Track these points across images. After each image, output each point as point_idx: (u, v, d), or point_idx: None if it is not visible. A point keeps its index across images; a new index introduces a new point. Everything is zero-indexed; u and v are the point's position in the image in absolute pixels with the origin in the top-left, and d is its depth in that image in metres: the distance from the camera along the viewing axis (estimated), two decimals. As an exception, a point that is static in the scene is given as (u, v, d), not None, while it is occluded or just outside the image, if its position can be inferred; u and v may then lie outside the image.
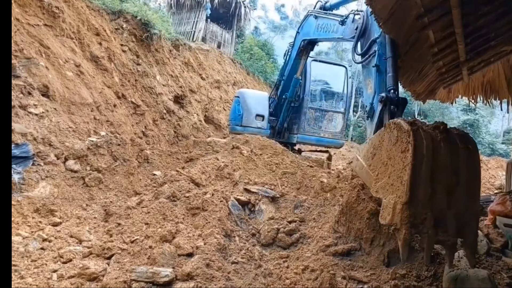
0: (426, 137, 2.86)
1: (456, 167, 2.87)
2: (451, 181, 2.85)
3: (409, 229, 2.73)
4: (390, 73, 4.43)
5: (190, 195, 4.97)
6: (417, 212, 2.75)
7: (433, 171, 2.80)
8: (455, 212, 2.83)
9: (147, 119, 9.79)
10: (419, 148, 2.79)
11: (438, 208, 2.80)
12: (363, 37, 5.49)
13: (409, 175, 2.74)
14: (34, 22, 6.90)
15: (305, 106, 9.71)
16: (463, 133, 3.12)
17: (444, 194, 2.82)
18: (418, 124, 3.03)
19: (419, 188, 2.75)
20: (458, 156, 2.90)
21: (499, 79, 5.77)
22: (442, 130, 3.00)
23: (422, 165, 2.77)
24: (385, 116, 4.24)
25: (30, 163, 5.06)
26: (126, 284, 3.25)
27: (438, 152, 2.84)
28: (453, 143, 2.93)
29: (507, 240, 5.15)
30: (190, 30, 18.93)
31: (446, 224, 2.81)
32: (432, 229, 2.76)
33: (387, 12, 3.99)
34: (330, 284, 3.32)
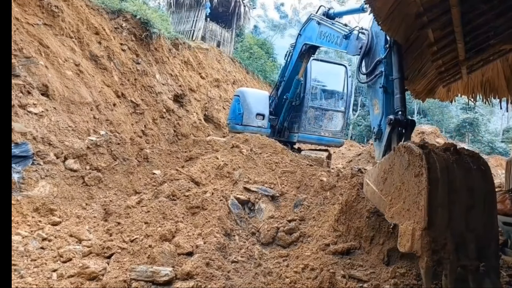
0: (439, 159, 2.83)
1: (471, 188, 2.83)
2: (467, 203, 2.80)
3: (431, 256, 2.66)
4: (398, 94, 4.40)
5: (189, 194, 4.97)
6: (437, 237, 2.69)
7: (449, 194, 2.76)
8: (475, 234, 2.78)
9: (147, 118, 9.78)
10: (433, 172, 2.75)
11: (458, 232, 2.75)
12: (368, 56, 5.46)
13: (426, 200, 2.69)
14: (34, 21, 6.89)
15: (305, 105, 9.70)
16: (473, 153, 3.10)
17: (462, 216, 2.79)
18: (429, 146, 3.00)
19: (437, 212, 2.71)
20: (472, 177, 2.87)
21: (498, 77, 5.77)
22: (453, 151, 2.98)
23: (438, 189, 2.73)
24: (393, 139, 4.24)
25: (29, 163, 5.06)
26: (126, 283, 3.25)
27: (452, 174, 2.81)
28: (466, 164, 2.90)
29: (507, 238, 5.16)
30: (189, 29, 18.92)
31: (466, 247, 2.75)
32: (454, 254, 2.69)
33: (386, 10, 3.99)
34: (330, 283, 3.33)
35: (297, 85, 9.51)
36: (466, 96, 6.79)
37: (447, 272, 2.69)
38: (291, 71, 9.60)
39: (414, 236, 2.77)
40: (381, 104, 4.85)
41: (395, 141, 4.16)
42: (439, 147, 3.10)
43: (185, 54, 14.29)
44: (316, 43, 8.38)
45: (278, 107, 10.15)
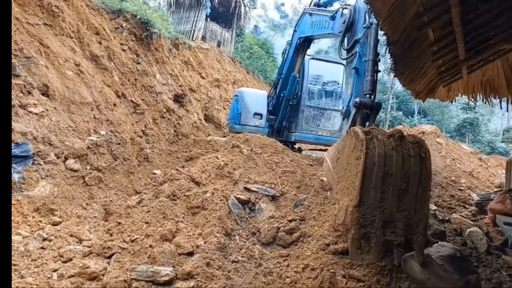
0: (379, 145, 3.11)
1: (407, 173, 3.10)
2: (401, 186, 3.08)
3: (358, 229, 3.05)
4: (368, 77, 4.47)
5: (190, 194, 4.97)
6: (366, 214, 3.04)
7: (384, 177, 3.06)
8: (405, 214, 3.07)
9: (147, 118, 9.79)
10: (370, 157, 3.06)
11: (388, 211, 3.05)
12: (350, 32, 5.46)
13: (360, 181, 3.03)
14: (34, 21, 6.90)
15: (302, 104, 9.68)
16: (418, 140, 3.32)
17: (394, 198, 3.07)
18: (374, 133, 3.25)
19: (369, 193, 3.04)
20: (409, 163, 3.12)
21: (498, 77, 5.78)
22: (396, 138, 3.23)
23: (373, 172, 3.04)
24: (358, 120, 4.32)
25: (30, 162, 5.06)
26: (127, 283, 3.25)
27: (390, 160, 3.09)
28: (406, 151, 3.16)
29: (507, 238, 5.16)
30: (189, 29, 18.93)
31: (395, 225, 3.06)
32: (380, 230, 3.03)
33: (386, 10, 3.99)
34: (330, 282, 3.33)
35: (293, 81, 9.50)
36: (466, 96, 6.80)
37: (373, 244, 3.07)
38: (288, 68, 9.62)
39: (347, 211, 3.16)
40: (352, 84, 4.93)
41: (359, 122, 4.25)
42: (385, 133, 3.32)
43: (185, 54, 14.29)
44: (309, 33, 8.47)
45: (277, 106, 10.15)
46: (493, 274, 4.18)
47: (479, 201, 7.06)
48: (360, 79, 4.66)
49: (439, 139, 11.05)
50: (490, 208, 5.77)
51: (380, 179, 3.06)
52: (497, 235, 5.31)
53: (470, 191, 8.51)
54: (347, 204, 3.20)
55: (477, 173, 9.78)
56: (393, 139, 3.22)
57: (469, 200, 7.82)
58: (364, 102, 4.24)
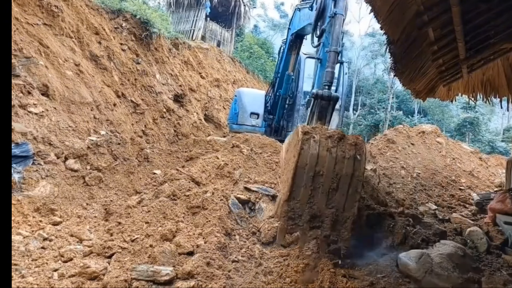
0: (314, 146, 3.30)
1: (338, 174, 3.31)
2: (332, 186, 3.29)
3: (286, 221, 3.30)
4: (329, 68, 4.45)
5: (190, 194, 4.97)
6: (295, 208, 3.29)
7: (314, 176, 3.27)
8: (333, 211, 3.31)
9: (147, 118, 9.78)
10: (303, 157, 3.26)
11: (316, 207, 3.29)
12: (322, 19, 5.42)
13: (291, 178, 3.28)
14: (33, 21, 6.89)
15: (298, 103, 9.64)
16: (357, 142, 3.48)
17: (324, 196, 3.30)
18: (313, 132, 3.41)
19: (300, 190, 3.27)
20: (343, 165, 3.33)
21: (498, 76, 5.78)
22: (335, 139, 3.40)
23: (305, 171, 3.25)
24: (315, 111, 4.34)
25: (30, 163, 5.06)
26: (127, 283, 3.25)
27: (322, 161, 3.29)
28: (341, 153, 3.36)
29: (507, 237, 5.16)
30: (189, 28, 18.91)
31: (322, 220, 3.32)
32: (306, 223, 3.30)
33: (386, 9, 3.99)
34: (330, 282, 3.33)
35: (288, 80, 9.48)
36: (467, 95, 6.80)
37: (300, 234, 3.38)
38: (283, 66, 9.61)
39: (279, 204, 3.43)
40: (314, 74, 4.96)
41: (316, 114, 4.32)
42: (325, 134, 3.46)
43: (185, 54, 14.29)
44: (297, 28, 8.47)
45: (274, 105, 10.15)
46: (493, 273, 4.18)
47: (479, 200, 7.06)
48: (323, 70, 4.64)
49: (439, 138, 11.04)
50: (490, 208, 5.77)
51: (311, 178, 3.28)
52: (497, 235, 5.31)
53: (470, 191, 8.51)
54: (280, 198, 3.48)
55: (477, 173, 9.77)
56: (331, 140, 3.39)
57: (469, 200, 7.82)
58: (322, 94, 4.24)
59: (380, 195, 5.33)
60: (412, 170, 9.23)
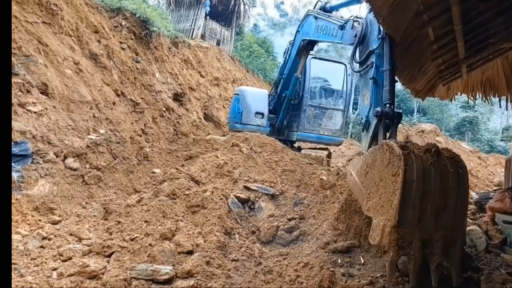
0: (417, 161, 2.96)
1: (445, 190, 2.96)
2: (439, 204, 2.94)
3: (396, 251, 2.87)
4: (387, 86, 4.42)
5: (189, 193, 4.97)
6: (405, 235, 2.87)
7: (422, 195, 2.89)
8: (442, 234, 2.94)
9: (147, 117, 9.77)
10: (409, 174, 2.88)
11: (426, 231, 2.91)
12: (362, 45, 5.47)
13: (399, 200, 2.83)
14: (33, 19, 6.88)
15: (304, 104, 9.70)
16: (454, 155, 3.20)
17: (432, 217, 2.93)
18: (410, 147, 3.10)
19: (408, 212, 2.86)
20: (448, 180, 3.00)
21: (498, 76, 5.78)
22: (433, 153, 3.09)
23: (412, 190, 2.87)
24: (380, 130, 4.29)
25: (29, 161, 5.05)
26: (126, 281, 3.25)
27: (428, 177, 2.95)
28: (443, 167, 3.03)
29: (506, 236, 5.17)
30: (189, 27, 18.88)
31: (433, 245, 2.93)
32: (418, 252, 2.88)
33: (386, 9, 3.98)
34: (330, 281, 3.33)
35: (295, 82, 9.50)
36: (466, 95, 6.79)
37: (411, 266, 2.92)
38: (290, 68, 9.60)
39: (384, 231, 2.94)
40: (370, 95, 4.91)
41: (381, 133, 4.23)
42: (420, 148, 3.18)
43: (184, 53, 14.26)
44: (314, 37, 8.42)
45: (277, 106, 10.15)
46: (492, 272, 4.19)
47: (478, 199, 7.07)
48: (378, 90, 4.64)
49: (439, 137, 11.06)
50: (489, 207, 5.77)
51: (419, 197, 2.90)
52: (496, 234, 5.31)
53: (470, 190, 8.52)
54: (383, 224, 2.99)
55: (477, 172, 9.79)
56: (430, 154, 3.08)
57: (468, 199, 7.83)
58: (386, 111, 4.18)
59: (379, 194, 5.31)
60: (411, 169, 9.22)
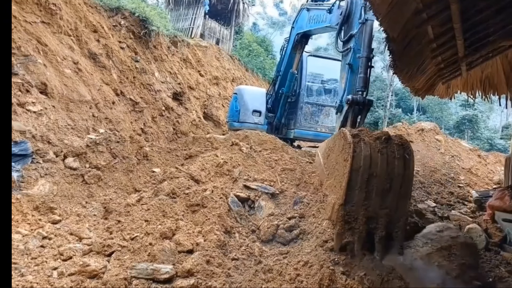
0: (365, 148, 3.33)
1: (391, 175, 3.35)
2: (385, 186, 3.33)
3: (343, 225, 3.32)
4: (362, 74, 4.49)
5: (189, 192, 4.97)
6: (351, 211, 3.30)
7: (369, 178, 3.30)
8: (386, 212, 3.33)
9: (146, 116, 9.77)
10: (356, 160, 3.29)
11: (372, 209, 3.31)
12: (347, 24, 5.44)
13: (346, 182, 3.27)
14: (32, 19, 6.86)
15: (301, 101, 9.68)
16: (403, 142, 3.51)
17: (378, 197, 3.33)
18: (362, 135, 3.43)
19: (354, 193, 3.29)
20: (394, 165, 3.36)
21: (497, 74, 5.78)
22: (383, 140, 3.43)
23: (359, 174, 3.28)
24: (349, 116, 4.37)
25: (29, 161, 5.05)
26: (127, 281, 3.26)
27: (374, 162, 3.32)
28: (390, 153, 3.39)
29: (506, 235, 5.18)
30: (188, 26, 18.86)
31: (377, 221, 3.34)
32: (363, 226, 3.30)
33: (386, 6, 3.98)
34: (330, 279, 3.34)
35: (291, 78, 9.49)
36: (466, 93, 6.80)
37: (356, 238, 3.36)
38: (286, 65, 9.61)
39: (333, 208, 3.42)
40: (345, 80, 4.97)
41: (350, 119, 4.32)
42: (372, 136, 3.49)
43: (184, 52, 14.25)
44: (306, 28, 8.49)
45: (275, 103, 10.14)
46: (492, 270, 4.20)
47: (478, 198, 7.08)
48: (354, 76, 4.68)
49: (438, 136, 11.05)
50: (489, 205, 5.78)
51: (365, 181, 3.29)
52: (496, 232, 5.33)
53: (469, 188, 8.52)
54: (334, 202, 3.43)
55: (476, 170, 9.79)
56: (379, 142, 3.41)
57: (468, 197, 7.83)
58: (356, 99, 4.32)
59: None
60: (411, 168, 9.22)
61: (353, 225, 3.30)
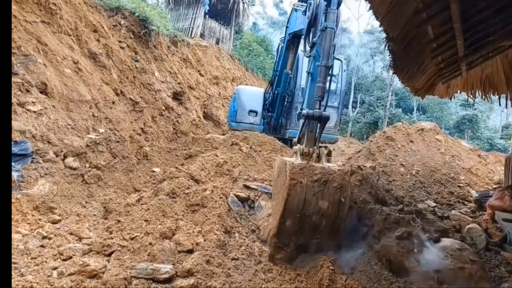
0: (300, 192, 3.58)
1: (324, 215, 3.65)
2: (317, 224, 3.66)
3: (275, 249, 3.68)
4: (320, 83, 4.30)
5: (189, 192, 4.97)
6: (283, 240, 3.66)
7: (301, 216, 3.62)
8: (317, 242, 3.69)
9: (146, 116, 9.77)
10: (291, 202, 3.58)
11: (303, 239, 3.67)
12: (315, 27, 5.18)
13: (279, 217, 3.61)
14: (32, 19, 6.86)
15: (296, 101, 9.64)
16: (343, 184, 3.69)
17: (309, 231, 3.67)
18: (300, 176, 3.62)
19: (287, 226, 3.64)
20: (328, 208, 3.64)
21: (497, 74, 5.78)
22: (321, 183, 3.64)
23: (292, 213, 3.60)
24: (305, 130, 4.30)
25: (29, 161, 5.05)
26: (126, 280, 3.25)
27: (308, 205, 3.61)
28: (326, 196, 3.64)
29: (506, 234, 5.18)
30: (188, 26, 18.87)
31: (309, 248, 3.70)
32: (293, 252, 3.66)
33: (385, 7, 3.98)
34: (330, 279, 3.33)
35: (286, 79, 9.48)
36: (466, 93, 6.80)
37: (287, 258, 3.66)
38: (281, 65, 9.61)
39: (269, 234, 3.80)
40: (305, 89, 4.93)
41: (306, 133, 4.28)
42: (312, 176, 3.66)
43: (184, 52, 14.25)
44: (296, 29, 8.49)
45: (273, 103, 10.14)
46: (492, 270, 4.20)
47: (478, 197, 7.08)
48: (314, 84, 4.53)
49: (438, 136, 11.05)
50: (489, 205, 5.79)
51: (298, 219, 3.61)
52: (496, 232, 5.33)
53: (469, 188, 8.53)
54: (270, 228, 3.83)
55: (476, 170, 9.79)
56: (317, 184, 3.63)
57: (468, 197, 7.84)
58: (312, 114, 4.15)
59: (379, 192, 5.33)
60: (411, 168, 9.25)
61: (285, 249, 3.66)
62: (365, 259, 3.79)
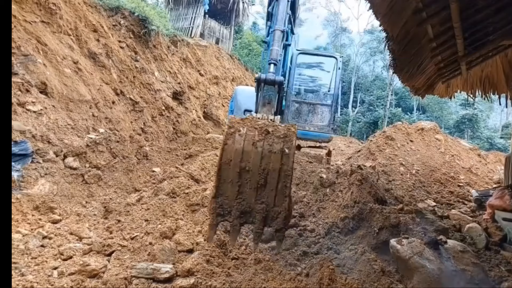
0: (238, 141, 3.16)
1: (265, 169, 3.16)
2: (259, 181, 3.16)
3: (215, 217, 3.16)
4: (274, 46, 4.20)
5: (189, 192, 4.97)
6: (224, 205, 3.16)
7: (240, 172, 3.14)
8: (263, 207, 3.17)
9: (146, 115, 9.77)
10: (227, 152, 3.14)
11: (246, 203, 3.17)
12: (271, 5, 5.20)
13: (216, 175, 3.15)
14: (31, 18, 6.86)
15: (288, 100, 9.58)
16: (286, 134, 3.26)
17: (252, 191, 3.16)
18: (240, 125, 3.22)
19: (227, 186, 3.15)
20: (269, 160, 3.16)
21: (497, 73, 5.78)
22: (262, 131, 3.23)
23: (230, 167, 3.12)
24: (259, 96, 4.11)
25: (29, 161, 5.05)
26: (127, 280, 3.26)
27: (247, 156, 3.15)
28: (267, 146, 3.20)
29: (506, 234, 5.18)
30: (188, 26, 18.86)
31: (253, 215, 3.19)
32: (236, 219, 3.17)
33: (385, 6, 3.98)
34: (330, 278, 3.34)
35: None
36: (466, 92, 6.80)
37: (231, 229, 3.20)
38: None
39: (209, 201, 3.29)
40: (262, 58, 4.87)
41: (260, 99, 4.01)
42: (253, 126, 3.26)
43: (183, 51, 14.25)
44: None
45: None
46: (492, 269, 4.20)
47: (478, 197, 7.08)
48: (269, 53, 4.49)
49: (438, 135, 11.06)
50: (489, 204, 5.79)
51: (237, 174, 3.14)
52: (496, 231, 5.33)
53: (469, 187, 8.53)
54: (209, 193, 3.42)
55: (476, 169, 9.80)
56: (258, 133, 3.22)
57: (468, 196, 7.84)
58: (264, 78, 4.02)
59: (379, 192, 5.34)
60: (411, 167, 9.25)
61: (226, 218, 3.19)
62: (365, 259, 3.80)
